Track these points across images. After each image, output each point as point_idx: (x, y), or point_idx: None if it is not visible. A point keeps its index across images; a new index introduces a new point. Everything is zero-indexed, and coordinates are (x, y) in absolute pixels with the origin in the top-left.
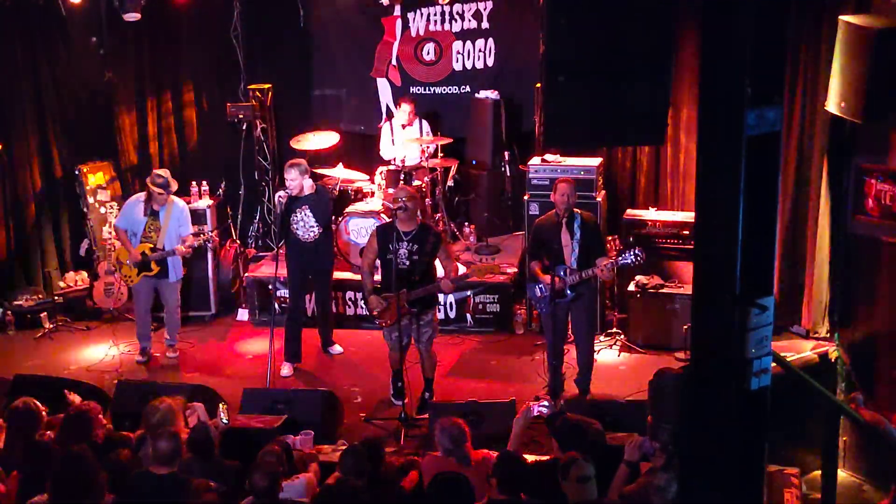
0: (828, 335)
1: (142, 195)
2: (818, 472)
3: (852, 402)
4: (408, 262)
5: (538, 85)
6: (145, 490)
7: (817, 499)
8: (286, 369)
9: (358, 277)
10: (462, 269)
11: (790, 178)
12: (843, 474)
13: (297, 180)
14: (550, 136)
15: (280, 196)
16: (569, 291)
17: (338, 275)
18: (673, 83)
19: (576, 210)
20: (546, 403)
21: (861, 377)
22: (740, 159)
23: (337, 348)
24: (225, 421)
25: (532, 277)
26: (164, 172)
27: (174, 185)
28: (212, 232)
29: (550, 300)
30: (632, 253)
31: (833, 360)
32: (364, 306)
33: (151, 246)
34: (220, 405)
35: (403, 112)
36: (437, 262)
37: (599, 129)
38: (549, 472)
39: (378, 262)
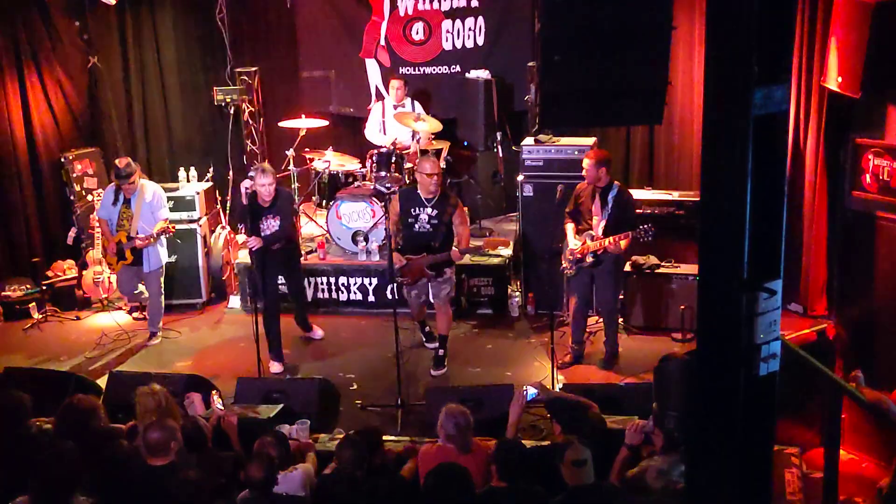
0: (826, 312)
1: (114, 184)
2: (816, 451)
3: (853, 380)
4: (428, 227)
5: (530, 64)
6: (141, 482)
7: (818, 478)
8: (275, 367)
9: (350, 262)
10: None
11: (787, 154)
12: (842, 452)
13: (271, 186)
14: (546, 116)
15: (246, 187)
16: (589, 257)
17: (332, 260)
18: None
19: (616, 182)
20: (535, 391)
21: (860, 354)
22: (747, 140)
23: (318, 332)
24: (220, 407)
25: (562, 238)
26: (123, 162)
27: (137, 170)
28: (169, 224)
29: (575, 262)
30: (641, 228)
31: (831, 338)
32: (358, 292)
33: (126, 234)
34: (213, 393)
35: (395, 90)
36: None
37: (596, 108)
38: (549, 457)
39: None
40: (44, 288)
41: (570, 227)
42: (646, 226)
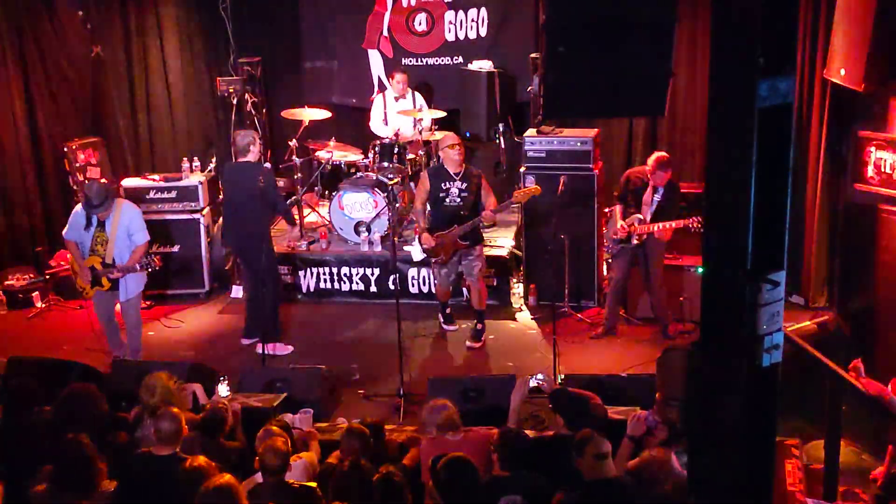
0: (827, 304)
1: (83, 208)
2: (816, 442)
3: (853, 371)
4: (459, 200)
5: (533, 55)
6: (148, 472)
7: (817, 469)
8: (285, 348)
9: (353, 252)
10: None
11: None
12: (842, 444)
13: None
14: (550, 107)
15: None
16: (634, 240)
17: (334, 251)
18: None
19: None
20: (541, 376)
21: (860, 346)
22: (752, 132)
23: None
24: (227, 394)
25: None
26: (93, 188)
27: (110, 195)
28: (153, 256)
29: (618, 242)
30: (693, 219)
31: (832, 330)
32: (360, 282)
33: (100, 260)
34: (221, 379)
35: (396, 83)
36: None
37: (600, 100)
38: (551, 447)
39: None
40: (47, 277)
41: (617, 210)
42: (697, 218)
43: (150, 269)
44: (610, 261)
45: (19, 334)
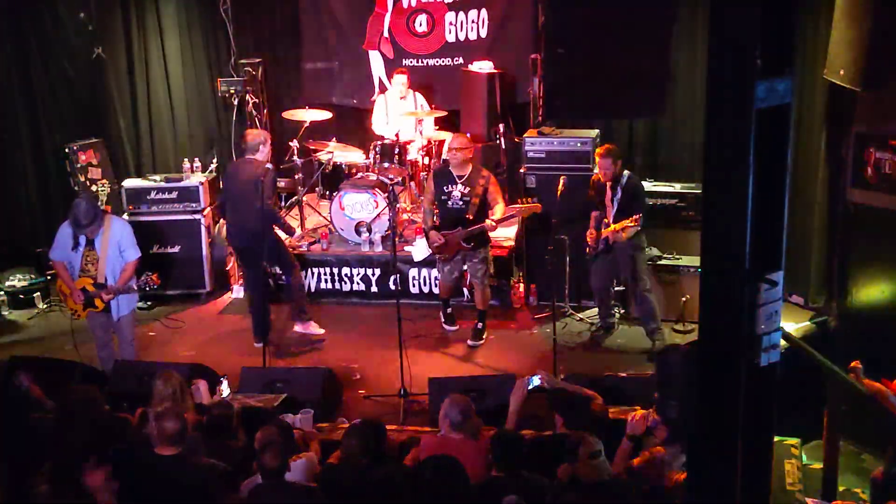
0: (826, 304)
1: (70, 227)
2: (816, 442)
3: (852, 371)
4: (461, 203)
5: (533, 56)
6: (151, 472)
7: (817, 469)
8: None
9: (353, 253)
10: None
11: (790, 147)
12: (842, 444)
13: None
14: (550, 108)
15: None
16: (600, 244)
17: (335, 251)
18: None
19: (626, 171)
20: (541, 376)
21: (859, 346)
22: (750, 133)
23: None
24: (227, 394)
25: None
26: (81, 208)
27: (99, 213)
28: (151, 275)
29: (594, 249)
30: (633, 217)
31: (832, 330)
32: (361, 282)
33: (92, 280)
34: (221, 379)
35: (397, 84)
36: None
37: (600, 100)
38: (551, 447)
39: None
40: (48, 278)
41: (592, 215)
42: (636, 216)
43: (146, 289)
44: (590, 263)
45: (21, 335)
